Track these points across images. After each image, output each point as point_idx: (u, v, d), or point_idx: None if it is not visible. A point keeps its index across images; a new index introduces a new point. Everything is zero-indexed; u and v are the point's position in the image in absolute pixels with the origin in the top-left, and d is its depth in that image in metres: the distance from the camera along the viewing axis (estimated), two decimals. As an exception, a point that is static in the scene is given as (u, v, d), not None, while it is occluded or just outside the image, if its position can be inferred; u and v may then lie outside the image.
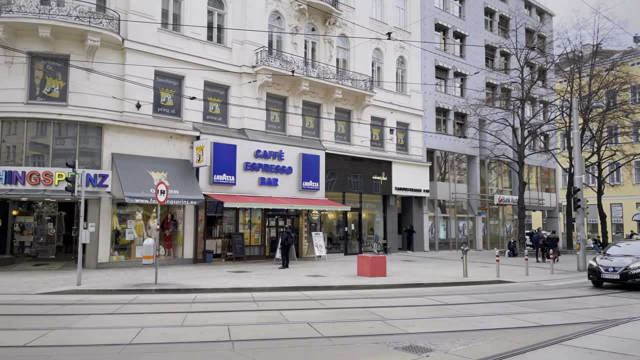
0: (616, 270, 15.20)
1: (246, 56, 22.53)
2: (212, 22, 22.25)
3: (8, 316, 9.92)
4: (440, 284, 16.07)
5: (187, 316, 10.01)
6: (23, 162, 17.61)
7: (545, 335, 8.74)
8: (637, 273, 14.88)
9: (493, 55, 37.68)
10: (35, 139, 18.01)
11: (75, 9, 17.75)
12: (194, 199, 19.36)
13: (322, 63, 25.35)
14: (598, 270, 15.62)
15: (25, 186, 16.95)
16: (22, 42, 17.68)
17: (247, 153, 21.96)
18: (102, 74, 17.90)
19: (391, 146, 29.18)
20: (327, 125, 25.87)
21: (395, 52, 29.72)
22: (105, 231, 18.54)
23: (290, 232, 20.59)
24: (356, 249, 27.50)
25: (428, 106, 31.71)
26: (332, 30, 26.16)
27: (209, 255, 21.11)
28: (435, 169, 32.26)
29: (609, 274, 15.29)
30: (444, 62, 33.09)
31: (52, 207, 22.49)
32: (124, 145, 19.05)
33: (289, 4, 24.41)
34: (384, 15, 29.51)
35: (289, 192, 23.39)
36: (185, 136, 20.65)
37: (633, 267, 15.04)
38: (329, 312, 10.97)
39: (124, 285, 13.92)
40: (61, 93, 18.28)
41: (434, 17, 32.53)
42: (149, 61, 19.69)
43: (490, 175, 36.66)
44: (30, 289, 13.23)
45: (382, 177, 28.25)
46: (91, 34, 17.82)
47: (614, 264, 15.47)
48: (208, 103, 21.74)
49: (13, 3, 17.28)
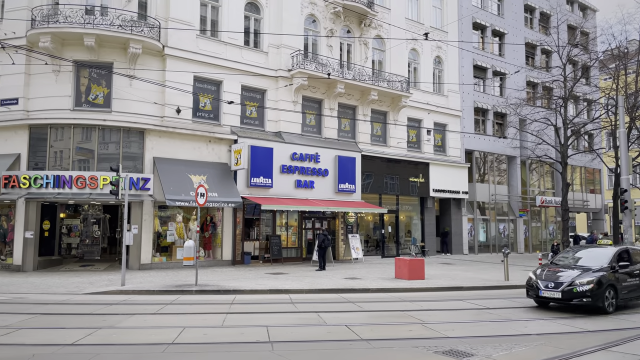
0: (558, 286, 11.26)
1: (282, 60, 22.73)
2: (248, 27, 22.57)
3: (57, 315, 10.32)
4: (480, 288, 15.74)
5: (227, 317, 10.17)
6: (70, 167, 18.30)
7: (591, 340, 8.45)
8: (584, 291, 10.93)
9: (533, 53, 36.69)
10: (81, 144, 18.69)
11: (118, 17, 18.35)
12: (232, 201, 19.65)
13: (358, 65, 25.30)
14: (536, 285, 11.68)
15: (72, 190, 17.60)
16: (68, 51, 18.39)
17: (283, 156, 22.14)
18: (144, 81, 18.42)
19: (428, 147, 28.82)
20: (363, 127, 25.80)
21: (432, 52, 29.36)
22: (148, 233, 19.05)
23: (326, 234, 20.64)
24: (393, 251, 27.27)
25: (466, 106, 31.17)
26: (368, 31, 26.08)
27: (247, 256, 21.38)
28: (474, 170, 31.66)
29: (548, 291, 11.33)
30: (482, 61, 32.47)
31: (97, 209, 23.27)
32: (165, 149, 19.54)
33: (324, 6, 24.50)
34: (420, 16, 29.21)
35: (325, 195, 23.43)
36: (224, 140, 21.00)
37: (580, 282, 11.07)
38: (367, 314, 10.92)
39: (165, 286, 14.26)
40: (105, 99, 18.92)
41: (472, 16, 31.97)
42: (188, 67, 20.13)
43: (531, 176, 35.70)
44: (77, 289, 13.73)
45: (420, 179, 27.93)
46: (133, 42, 18.37)
47: (555, 277, 11.57)
48: (245, 107, 22.04)
49: (59, 14, 18.01)
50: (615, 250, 12.43)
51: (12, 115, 18.34)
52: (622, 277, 11.72)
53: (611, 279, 11.38)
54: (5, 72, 18.49)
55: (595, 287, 10.99)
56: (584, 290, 10.98)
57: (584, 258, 12.60)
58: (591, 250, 13.18)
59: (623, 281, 11.70)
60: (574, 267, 12.04)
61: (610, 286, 11.30)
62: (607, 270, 11.51)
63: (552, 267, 12.51)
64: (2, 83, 18.65)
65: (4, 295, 12.70)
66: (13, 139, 18.41)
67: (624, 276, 11.82)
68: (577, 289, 11.06)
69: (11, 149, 18.35)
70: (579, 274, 11.40)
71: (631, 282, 11.98)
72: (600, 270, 11.45)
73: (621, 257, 12.20)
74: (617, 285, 11.47)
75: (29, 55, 17.92)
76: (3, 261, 18.55)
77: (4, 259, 18.60)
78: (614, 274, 11.55)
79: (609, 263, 11.77)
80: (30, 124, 18.36)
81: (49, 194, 17.48)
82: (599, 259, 12.09)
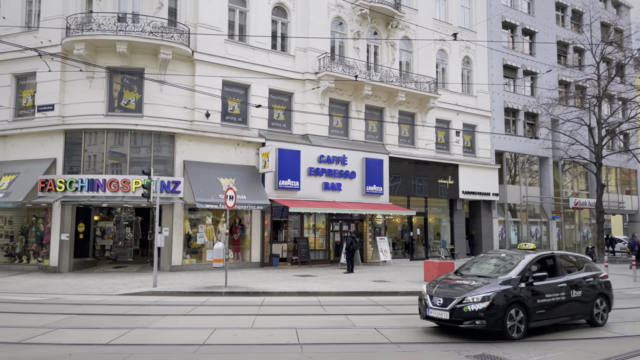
0: (446, 303, 8.67)
1: (309, 63, 22.82)
2: (275, 31, 22.74)
3: (92, 315, 10.59)
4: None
5: (256, 318, 10.24)
6: (103, 171, 18.78)
7: (627, 346, 8.22)
8: (477, 310, 8.34)
9: (565, 52, 35.86)
10: (114, 148, 19.15)
11: (149, 24, 18.74)
12: (261, 204, 19.80)
13: (385, 66, 25.20)
14: (425, 302, 9.18)
15: (105, 193, 18.04)
16: (102, 58, 18.88)
17: (310, 158, 22.20)
18: (174, 85, 18.75)
19: (457, 149, 28.46)
20: (391, 128, 25.66)
21: (461, 52, 29.01)
22: (178, 235, 19.37)
23: (354, 236, 20.59)
24: (422, 254, 27.01)
25: (496, 107, 30.66)
26: (395, 33, 25.95)
27: (275, 259, 21.51)
28: (505, 172, 31.10)
29: (436, 309, 8.79)
30: (512, 61, 31.90)
31: (130, 212, 23.77)
32: (195, 152, 19.84)
33: (351, 9, 24.49)
34: (448, 16, 28.91)
35: (353, 197, 23.38)
36: (252, 143, 21.20)
37: (473, 298, 8.51)
38: (396, 317, 10.84)
39: (196, 288, 14.46)
40: (137, 104, 19.34)
41: (501, 15, 31.45)
42: (217, 71, 20.41)
43: (564, 178, 34.85)
44: (111, 290, 14.05)
45: (449, 181, 27.59)
46: (164, 48, 18.74)
47: (448, 292, 8.97)
48: (273, 110, 22.21)
49: (93, 22, 18.52)
50: (532, 256, 9.63)
51: (49, 121, 18.94)
52: (538, 291, 9.02)
53: (519, 295, 8.73)
54: (42, 80, 19.12)
55: (490, 306, 8.37)
56: (477, 310, 8.35)
57: (494, 266, 9.93)
58: (507, 257, 10.21)
59: (539, 297, 9.00)
60: (478, 278, 9.32)
61: (516, 304, 8.65)
62: (514, 282, 8.86)
63: (453, 277, 9.90)
64: (39, 90, 19.29)
65: (42, 295, 13.10)
66: (49, 144, 19.00)
67: (542, 290, 9.09)
68: (468, 308, 8.41)
69: (48, 154, 18.94)
70: (477, 287, 8.78)
71: (552, 298, 9.19)
72: (506, 283, 8.80)
73: (545, 266, 9.69)
74: (529, 303, 8.78)
75: (64, 63, 18.45)
76: (40, 263, 19.14)
77: (41, 260, 19.18)
78: (527, 287, 8.92)
79: (519, 273, 9.04)
80: (65, 129, 18.91)
81: (84, 197, 17.96)
82: (511, 267, 9.40)
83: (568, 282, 9.63)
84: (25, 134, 19.27)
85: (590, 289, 9.95)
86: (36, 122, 19.17)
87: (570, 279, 9.72)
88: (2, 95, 19.80)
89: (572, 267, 10.18)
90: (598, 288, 10.13)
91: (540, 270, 9.49)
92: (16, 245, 19.76)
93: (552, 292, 9.24)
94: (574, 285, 9.68)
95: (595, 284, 10.11)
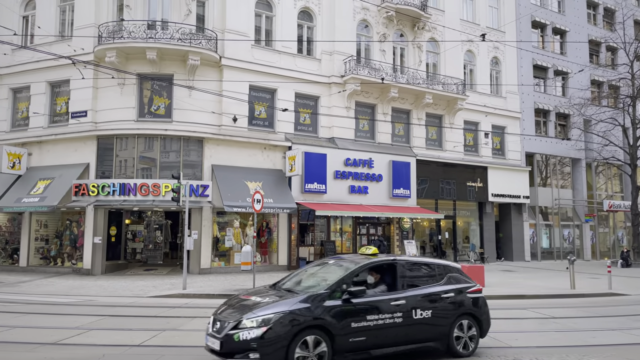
0: (221, 329, 6.52)
1: (335, 66, 22.85)
2: (301, 35, 22.86)
3: (124, 317, 10.81)
4: (544, 296, 15.10)
5: (284, 322, 10.24)
6: (134, 175, 19.16)
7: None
8: (249, 340, 6.23)
9: (598, 51, 34.96)
10: (144, 153, 19.53)
11: (177, 31, 19.08)
12: (287, 207, 19.88)
13: (411, 68, 25.03)
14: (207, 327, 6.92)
15: (136, 197, 18.40)
16: (132, 65, 19.30)
17: (337, 161, 22.19)
18: (202, 91, 19.02)
19: (486, 151, 28.03)
20: (418, 131, 25.45)
21: (489, 53, 28.60)
22: (207, 238, 19.60)
23: (382, 240, 20.50)
24: (451, 258, 26.65)
25: (526, 107, 30.09)
26: (421, 34, 25.76)
27: (302, 262, 21.54)
28: (536, 174, 30.46)
29: (211, 337, 6.62)
30: (542, 61, 31.27)
31: (160, 216, 24.19)
32: (222, 156, 20.07)
33: (377, 11, 24.43)
34: (476, 16, 28.55)
35: (380, 200, 23.26)
36: (278, 147, 21.32)
37: (248, 323, 6.37)
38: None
39: (224, 290, 14.59)
40: (166, 110, 19.70)
41: (531, 14, 30.89)
42: (244, 76, 20.63)
43: (598, 180, 33.93)
44: (142, 292, 14.31)
45: (477, 183, 27.18)
46: (192, 54, 19.04)
47: (233, 313, 6.74)
48: (299, 114, 22.30)
49: (124, 29, 18.96)
50: (358, 265, 7.34)
51: (82, 127, 19.45)
52: (354, 311, 6.80)
53: (320, 317, 6.53)
54: (75, 87, 19.66)
55: (267, 332, 6.21)
56: (249, 339, 6.22)
57: (317, 277, 7.73)
58: (334, 264, 7.91)
59: (356, 320, 6.75)
60: (286, 294, 7.09)
61: (315, 329, 6.48)
62: (316, 300, 6.65)
63: (260, 291, 7.75)
64: (73, 97, 19.84)
65: (76, 297, 13.44)
66: (82, 150, 19.50)
67: (362, 310, 6.86)
68: (240, 336, 6.27)
69: (81, 159, 19.43)
70: (261, 306, 6.59)
71: (378, 321, 6.93)
72: (305, 301, 6.61)
73: (385, 277, 7.60)
74: (336, 328, 6.56)
75: (96, 70, 18.94)
76: (74, 265, 19.63)
77: (75, 263, 19.68)
78: (338, 307, 6.69)
79: (329, 288, 6.86)
80: (98, 135, 19.38)
81: (115, 201, 18.36)
82: (331, 278, 7.20)
83: (410, 298, 7.29)
84: (60, 139, 19.83)
85: (449, 307, 7.63)
86: (70, 128, 19.72)
87: (413, 295, 7.35)
88: (38, 102, 20.44)
89: (426, 278, 7.79)
90: (463, 306, 7.77)
91: (377, 283, 7.47)
92: (51, 248, 20.32)
93: (380, 312, 6.95)
94: (421, 303, 7.35)
95: (458, 300, 7.75)
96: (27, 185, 19.35)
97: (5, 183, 19.74)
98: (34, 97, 20.59)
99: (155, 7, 19.88)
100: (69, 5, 20.66)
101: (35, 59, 19.79)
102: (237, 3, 20.75)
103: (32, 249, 20.22)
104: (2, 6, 21.15)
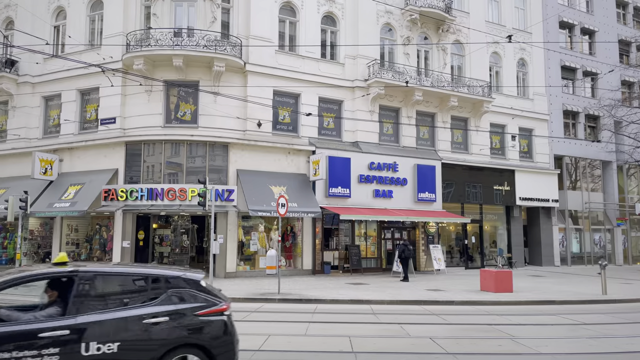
0: None
1: (358, 70, 22.82)
2: (325, 40, 22.92)
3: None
4: (574, 302, 14.72)
5: (309, 326, 10.27)
6: (161, 180, 19.47)
7: None
8: None
9: (628, 51, 34.08)
10: (171, 158, 19.83)
11: (203, 38, 19.36)
12: (312, 211, 19.90)
13: (436, 71, 24.82)
14: None
15: (163, 202, 18.69)
16: (159, 72, 19.65)
17: (361, 165, 22.12)
18: (227, 97, 19.24)
19: (513, 154, 27.56)
20: (443, 134, 25.19)
21: (515, 54, 28.16)
22: (232, 242, 19.76)
23: (407, 244, 20.28)
24: (478, 262, 26.25)
25: (554, 109, 29.49)
26: (446, 37, 25.54)
27: (326, 266, 21.52)
28: (565, 177, 29.80)
29: None
30: (570, 62, 30.64)
31: (186, 220, 24.46)
32: (247, 161, 20.23)
33: (400, 15, 24.33)
34: (501, 18, 28.17)
35: (404, 204, 23.08)
36: (302, 151, 21.38)
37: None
38: (452, 327, 10.57)
39: (250, 294, 14.69)
40: (192, 116, 19.98)
41: (558, 15, 30.32)
42: (268, 82, 20.78)
43: (629, 182, 32.98)
44: (169, 296, 14.45)
45: (504, 187, 26.74)
46: (217, 60, 19.28)
47: None
48: (322, 118, 22.33)
49: (151, 37, 19.33)
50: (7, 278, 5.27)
51: (111, 133, 19.87)
52: None
53: None
54: (104, 94, 20.11)
55: None
56: None
57: None
58: None
59: None
60: None
61: None
62: None
63: None
64: (102, 104, 20.29)
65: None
66: (112, 155, 19.92)
67: None
68: None
69: (110, 165, 19.85)
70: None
71: None
72: None
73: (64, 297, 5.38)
74: None
75: (124, 78, 19.35)
76: (103, 268, 19.96)
77: (104, 266, 20.01)
78: None
79: None
80: (126, 141, 19.77)
81: (143, 206, 18.68)
82: None
83: (83, 325, 5.20)
84: (90, 146, 20.30)
85: (156, 336, 5.52)
86: (99, 134, 20.17)
87: (91, 321, 5.25)
88: (68, 110, 20.99)
89: (129, 296, 5.68)
90: (184, 334, 5.66)
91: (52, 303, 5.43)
92: (81, 252, 20.79)
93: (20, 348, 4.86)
94: (103, 331, 5.27)
95: (175, 325, 5.64)
96: (58, 191, 19.86)
97: (37, 189, 20.28)
98: (64, 105, 21.15)
99: (181, 15, 20.23)
100: (98, 14, 21.19)
101: (66, 68, 20.36)
102: (261, 9, 20.95)
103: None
104: (34, 17, 21.81)
